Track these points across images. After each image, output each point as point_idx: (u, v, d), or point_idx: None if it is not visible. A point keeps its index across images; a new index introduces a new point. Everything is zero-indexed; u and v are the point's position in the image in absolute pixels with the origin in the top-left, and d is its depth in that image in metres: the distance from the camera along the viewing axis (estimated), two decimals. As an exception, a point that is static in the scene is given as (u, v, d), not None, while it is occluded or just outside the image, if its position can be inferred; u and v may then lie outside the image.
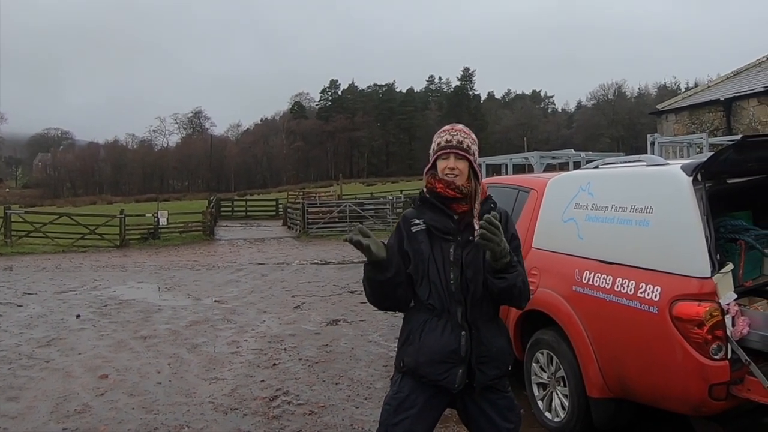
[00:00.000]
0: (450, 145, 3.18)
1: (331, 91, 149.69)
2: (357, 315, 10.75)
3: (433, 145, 3.26)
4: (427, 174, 3.27)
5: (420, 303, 3.18)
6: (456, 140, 3.20)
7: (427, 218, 3.18)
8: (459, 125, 3.31)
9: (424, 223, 3.18)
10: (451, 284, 3.11)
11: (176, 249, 26.26)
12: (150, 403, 6.56)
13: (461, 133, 3.23)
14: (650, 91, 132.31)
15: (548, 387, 5.45)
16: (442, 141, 3.21)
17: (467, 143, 3.22)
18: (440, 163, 3.20)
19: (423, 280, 3.15)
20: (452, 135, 3.22)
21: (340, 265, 18.65)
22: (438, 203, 3.18)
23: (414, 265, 3.16)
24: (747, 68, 22.02)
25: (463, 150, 3.19)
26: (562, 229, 5.34)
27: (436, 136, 3.27)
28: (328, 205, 35.02)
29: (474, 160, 3.23)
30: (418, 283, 3.17)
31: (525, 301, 3.19)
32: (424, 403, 3.15)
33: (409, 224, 3.21)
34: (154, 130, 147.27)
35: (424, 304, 3.15)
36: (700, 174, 4.28)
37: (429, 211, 3.20)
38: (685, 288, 4.11)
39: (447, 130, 3.26)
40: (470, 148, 3.22)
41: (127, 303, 12.57)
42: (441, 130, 3.31)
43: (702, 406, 4.09)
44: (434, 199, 3.20)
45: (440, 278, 3.12)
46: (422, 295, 3.16)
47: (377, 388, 6.76)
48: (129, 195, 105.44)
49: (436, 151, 3.22)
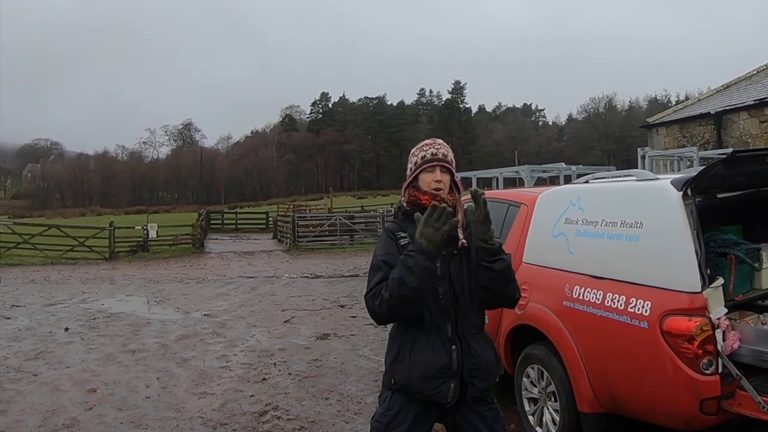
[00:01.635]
0: (436, 158, 3.19)
1: (322, 104, 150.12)
2: (347, 329, 10.73)
3: (413, 159, 3.27)
4: (407, 189, 3.27)
5: (409, 318, 3.15)
6: (441, 153, 3.21)
7: (412, 231, 3.11)
8: (439, 140, 3.32)
9: (409, 237, 3.14)
10: (440, 299, 3.09)
11: (166, 262, 26.14)
12: (139, 417, 6.53)
13: (444, 147, 3.26)
14: (641, 104, 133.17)
15: (539, 402, 5.43)
16: (427, 154, 3.21)
17: (450, 157, 3.26)
18: (425, 176, 3.19)
19: None
20: (437, 149, 3.23)
21: (331, 279, 18.61)
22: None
23: None
24: (737, 81, 22.13)
25: (447, 163, 3.21)
26: (553, 243, 5.34)
27: (417, 151, 3.28)
28: (318, 218, 34.98)
29: (454, 174, 3.26)
30: None
31: (518, 292, 3.22)
32: (414, 419, 3.13)
33: (396, 237, 3.19)
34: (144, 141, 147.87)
35: (414, 320, 3.12)
36: (690, 189, 4.29)
37: (413, 224, 3.12)
38: (676, 303, 4.10)
39: (429, 144, 3.27)
40: (453, 162, 3.26)
41: (115, 316, 12.53)
42: (421, 144, 3.31)
43: (693, 420, 4.08)
44: (418, 212, 3.15)
45: (429, 293, 3.09)
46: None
47: (367, 403, 6.74)
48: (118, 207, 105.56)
49: (419, 165, 3.21)
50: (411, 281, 2.89)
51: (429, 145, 3.26)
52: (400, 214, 3.28)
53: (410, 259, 2.91)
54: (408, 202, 3.24)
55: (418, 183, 3.22)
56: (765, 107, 17.83)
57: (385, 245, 3.19)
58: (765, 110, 17.82)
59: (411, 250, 2.93)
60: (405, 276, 2.90)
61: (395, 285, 2.93)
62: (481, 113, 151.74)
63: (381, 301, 2.99)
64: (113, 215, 64.19)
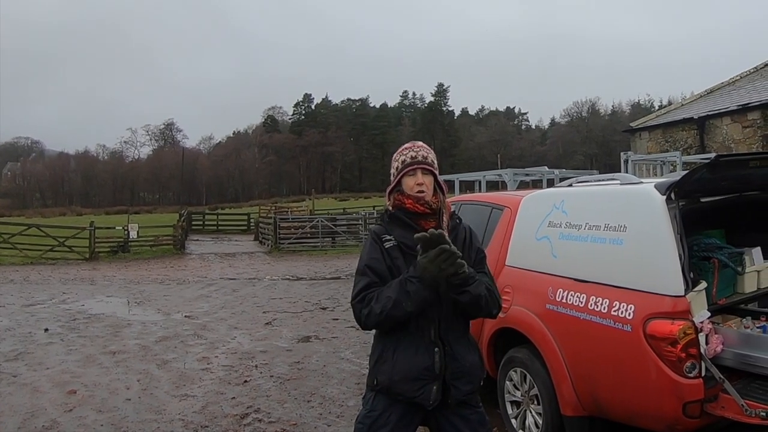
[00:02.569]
0: (416, 161, 3.20)
1: (305, 105, 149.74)
2: (329, 332, 10.70)
3: (395, 164, 3.27)
4: (391, 194, 3.27)
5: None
6: (421, 155, 3.22)
7: (397, 235, 3.16)
8: (419, 142, 3.33)
9: (395, 240, 3.16)
10: None
11: (146, 263, 25.99)
12: (119, 420, 6.48)
13: (424, 149, 3.27)
14: (624, 109, 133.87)
15: (522, 405, 5.43)
16: (407, 158, 3.22)
17: (431, 158, 3.26)
18: (407, 180, 3.20)
19: None
20: (416, 151, 3.24)
21: (312, 281, 18.58)
22: (407, 220, 3.18)
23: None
24: (720, 87, 22.29)
25: (428, 165, 3.21)
26: (536, 247, 5.33)
27: (398, 155, 3.28)
28: (300, 220, 34.87)
29: (437, 175, 3.26)
30: None
31: (496, 308, 3.20)
32: (397, 421, 3.13)
33: (381, 240, 3.18)
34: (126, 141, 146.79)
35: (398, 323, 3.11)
36: (674, 193, 4.29)
37: (398, 228, 3.18)
38: (659, 306, 4.10)
39: (409, 147, 3.29)
40: (434, 163, 3.26)
41: (96, 317, 12.45)
42: (402, 148, 3.32)
43: (676, 423, 4.08)
44: (403, 215, 3.19)
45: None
46: None
47: (349, 406, 6.72)
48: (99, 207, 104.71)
49: (401, 169, 3.23)
50: (407, 306, 2.95)
51: (408, 149, 3.27)
52: (386, 217, 3.27)
53: (411, 286, 2.93)
54: (393, 206, 3.24)
55: (402, 187, 3.23)
56: (748, 112, 17.98)
57: (370, 250, 3.18)
58: (748, 115, 17.97)
59: (413, 277, 2.94)
60: (402, 300, 2.94)
61: (390, 305, 2.96)
62: (464, 116, 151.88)
63: (370, 313, 3.01)
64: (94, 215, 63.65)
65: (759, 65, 22.04)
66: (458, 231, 3.28)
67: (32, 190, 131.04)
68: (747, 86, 20.57)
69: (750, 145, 17.80)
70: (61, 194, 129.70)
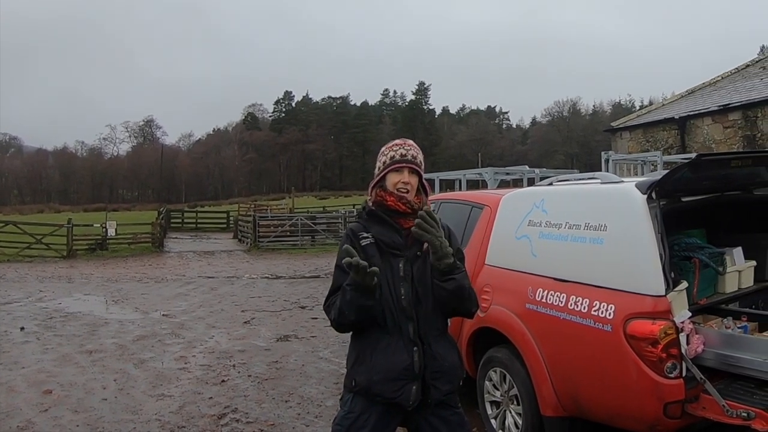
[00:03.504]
0: (405, 159, 3.17)
1: (285, 103, 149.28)
2: (308, 331, 10.66)
3: (382, 158, 3.24)
4: (374, 188, 3.24)
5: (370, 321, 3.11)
6: (411, 155, 3.20)
7: (375, 232, 3.14)
8: (410, 141, 3.31)
9: (372, 237, 3.13)
10: (402, 300, 3.07)
11: (124, 261, 25.81)
12: (95, 420, 6.42)
13: (414, 149, 3.24)
14: (605, 109, 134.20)
15: (501, 405, 5.40)
16: (396, 155, 3.19)
17: (420, 159, 3.24)
18: (392, 177, 3.17)
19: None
20: (406, 150, 3.21)
21: (291, 280, 18.53)
22: (386, 217, 3.15)
23: None
24: (701, 87, 22.40)
25: (416, 165, 3.19)
26: (516, 246, 5.30)
27: (387, 150, 3.25)
28: (279, 219, 34.77)
29: (423, 176, 3.24)
30: None
31: (475, 306, 3.20)
32: (376, 422, 3.09)
33: (357, 237, 3.14)
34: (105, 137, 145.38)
35: (376, 321, 3.08)
36: (655, 192, 4.27)
37: (376, 225, 3.16)
38: (640, 306, 4.08)
39: (400, 145, 3.25)
40: (422, 164, 3.24)
41: (73, 316, 12.38)
42: (391, 143, 3.29)
43: (657, 424, 4.07)
44: (382, 212, 3.16)
45: (391, 294, 3.07)
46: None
47: (328, 406, 6.67)
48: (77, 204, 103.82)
49: (388, 165, 3.19)
50: (349, 314, 2.98)
51: (399, 146, 3.24)
52: (365, 214, 3.24)
53: (348, 294, 2.94)
54: (374, 202, 3.21)
55: (385, 183, 3.19)
56: (729, 113, 18.08)
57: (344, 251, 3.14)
58: (729, 116, 18.07)
59: (348, 284, 2.94)
60: (344, 308, 2.98)
61: (337, 313, 3.03)
62: (445, 115, 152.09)
63: (332, 320, 3.09)
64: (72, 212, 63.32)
65: (740, 66, 22.19)
66: None
67: (10, 187, 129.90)
68: (728, 87, 20.69)
69: (731, 146, 17.90)
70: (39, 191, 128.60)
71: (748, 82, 20.07)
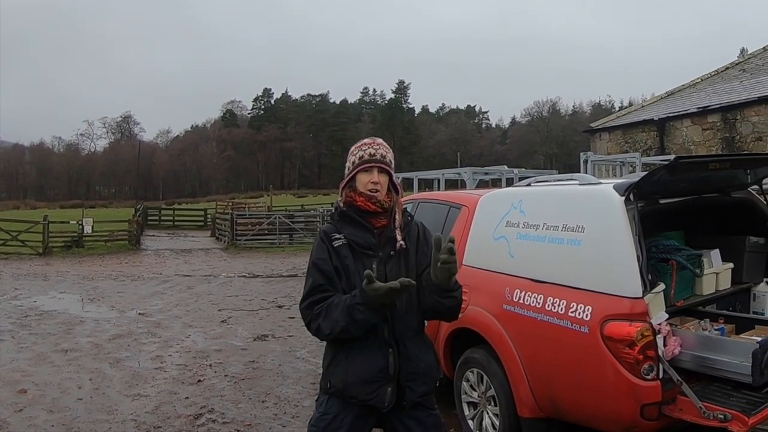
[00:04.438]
0: (374, 159, 3.14)
1: (264, 100, 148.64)
2: (285, 330, 10.61)
3: (352, 158, 3.21)
4: (344, 189, 3.21)
5: None
6: (380, 154, 3.16)
7: (347, 233, 3.10)
8: (379, 139, 3.26)
9: (344, 238, 3.10)
10: None
11: (101, 258, 25.62)
12: (70, 420, 6.38)
13: (383, 147, 3.21)
14: (584, 109, 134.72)
15: (479, 406, 5.39)
16: (365, 155, 3.16)
17: (389, 157, 3.21)
18: (362, 177, 3.14)
19: None
20: (375, 149, 3.18)
21: (269, 279, 18.45)
22: (358, 218, 3.12)
23: (346, 281, 3.06)
24: (681, 89, 22.57)
25: (386, 164, 3.16)
26: (493, 246, 5.29)
27: (356, 150, 3.22)
28: (257, 217, 34.63)
29: (393, 174, 3.20)
30: None
31: (459, 312, 3.17)
32: (351, 423, 3.07)
33: (330, 239, 3.11)
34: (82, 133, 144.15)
35: None
36: (633, 194, 4.28)
37: (348, 225, 3.13)
38: (617, 308, 4.08)
39: (369, 144, 3.21)
40: (391, 163, 3.22)
41: (48, 314, 12.27)
42: (360, 143, 3.26)
43: (634, 426, 4.07)
44: (353, 213, 3.13)
45: None
46: None
47: (305, 407, 6.65)
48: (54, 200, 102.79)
49: (357, 165, 3.16)
50: (355, 331, 2.94)
51: (368, 145, 3.20)
52: (336, 215, 3.20)
53: (359, 314, 2.88)
54: (345, 203, 3.17)
55: (355, 183, 3.16)
56: (708, 115, 18.23)
57: (318, 249, 3.13)
58: (708, 118, 18.22)
59: (360, 304, 2.87)
60: (350, 327, 2.92)
61: (338, 329, 2.94)
62: (424, 114, 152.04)
63: (319, 330, 3.01)
64: (48, 209, 62.59)
65: (720, 68, 22.37)
66: (411, 227, 3.23)
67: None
68: (707, 89, 20.86)
69: (709, 148, 18.04)
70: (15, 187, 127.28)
71: (727, 84, 20.24)
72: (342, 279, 3.07)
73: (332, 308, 2.96)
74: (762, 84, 18.31)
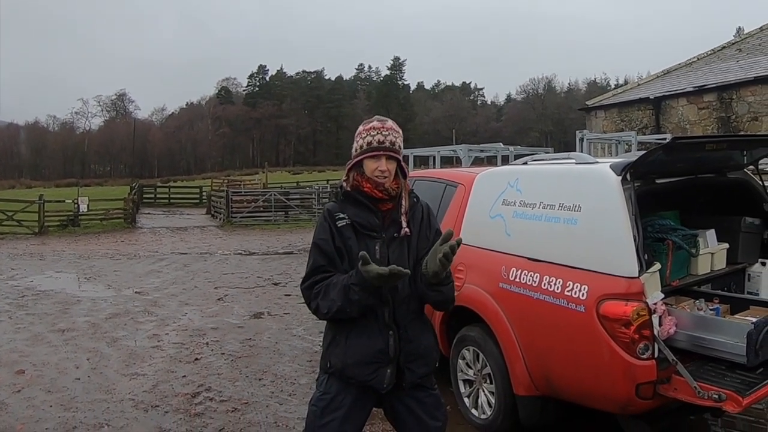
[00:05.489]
0: (383, 147, 3.08)
1: (259, 77, 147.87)
2: (281, 308, 10.62)
3: (360, 141, 3.14)
4: (351, 170, 3.16)
5: None
6: (389, 141, 3.09)
7: (351, 213, 3.09)
8: (389, 122, 3.18)
9: (348, 219, 3.08)
10: None
11: (96, 237, 25.59)
12: (68, 400, 6.37)
13: (393, 133, 3.12)
14: (580, 87, 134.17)
15: (474, 384, 5.43)
16: (374, 141, 3.09)
17: (399, 143, 3.15)
18: (370, 163, 3.08)
19: None
20: (385, 135, 3.10)
21: (265, 256, 18.45)
22: (363, 199, 3.10)
23: (348, 262, 3.06)
24: (677, 68, 22.51)
25: (395, 151, 3.10)
26: (490, 225, 5.30)
27: (365, 133, 3.13)
28: (253, 194, 34.52)
29: (401, 160, 3.16)
30: None
31: (452, 304, 3.20)
32: (351, 403, 3.10)
33: (334, 219, 3.10)
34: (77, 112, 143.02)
35: None
36: (629, 173, 4.28)
37: (352, 206, 3.11)
38: (613, 287, 4.10)
39: (378, 129, 3.12)
40: (401, 148, 3.16)
41: (45, 294, 12.24)
42: (370, 126, 3.15)
43: (629, 404, 4.10)
44: (359, 195, 3.10)
45: None
46: None
47: (301, 384, 6.66)
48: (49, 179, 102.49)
49: (365, 150, 3.10)
50: (351, 312, 2.95)
51: (378, 130, 3.11)
52: (341, 195, 3.17)
53: (354, 294, 2.89)
54: (351, 186, 3.14)
55: (362, 168, 3.11)
56: (704, 94, 18.21)
57: (320, 229, 3.12)
58: (704, 97, 18.20)
59: (356, 285, 2.88)
60: (346, 307, 2.93)
61: (334, 308, 2.96)
62: (419, 90, 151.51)
63: (317, 310, 3.04)
64: (44, 188, 62.33)
65: (716, 47, 22.30)
66: (415, 210, 3.21)
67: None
68: (704, 68, 20.82)
69: (705, 127, 18.04)
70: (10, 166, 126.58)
71: (723, 64, 20.19)
72: (345, 260, 3.07)
73: (330, 288, 2.97)
74: (759, 64, 18.28)
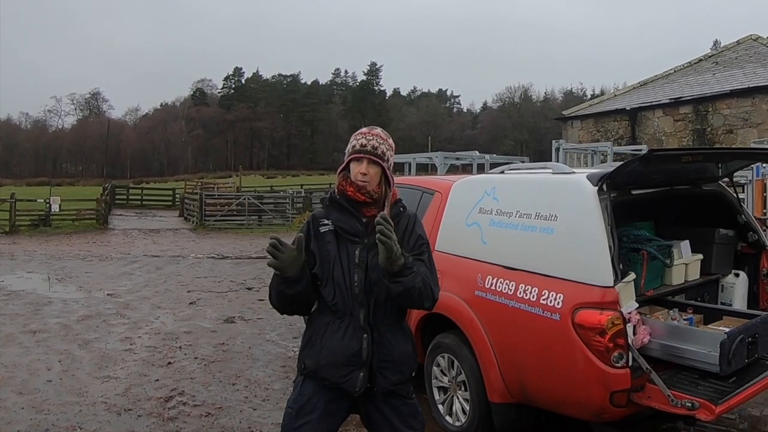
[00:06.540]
0: (365, 150, 3.11)
1: (235, 79, 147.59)
2: (254, 312, 10.57)
3: (348, 146, 3.19)
4: (340, 174, 3.19)
5: (324, 304, 3.14)
6: (371, 145, 3.13)
7: (335, 219, 3.13)
8: (377, 129, 3.22)
9: (332, 224, 3.12)
10: (355, 286, 3.07)
11: (68, 237, 25.31)
12: (40, 402, 6.30)
13: (378, 138, 3.16)
14: (556, 96, 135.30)
15: (449, 391, 5.43)
16: (357, 144, 3.14)
17: (382, 149, 3.15)
18: (353, 166, 3.12)
19: (328, 281, 3.10)
20: (368, 139, 3.14)
21: (237, 260, 18.36)
22: (347, 205, 3.13)
23: (320, 265, 3.10)
24: (654, 79, 22.74)
25: (377, 156, 3.12)
26: (466, 233, 5.32)
27: (353, 138, 3.20)
28: (226, 197, 34.44)
29: (387, 167, 3.17)
30: (322, 284, 3.12)
31: (429, 301, 3.11)
32: (325, 406, 3.11)
33: (318, 224, 3.15)
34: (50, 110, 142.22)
35: (328, 306, 3.11)
36: (606, 184, 4.33)
37: (337, 212, 3.15)
38: (588, 296, 4.14)
39: (364, 134, 3.18)
40: (385, 155, 3.16)
41: (15, 294, 12.09)
42: (359, 132, 3.23)
43: (603, 412, 4.15)
44: (343, 201, 3.13)
45: (344, 280, 3.07)
46: (326, 296, 3.11)
47: (275, 389, 6.63)
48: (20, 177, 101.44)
49: (350, 153, 3.15)
50: (282, 303, 3.12)
51: (363, 135, 3.18)
52: (327, 201, 3.21)
53: (274, 283, 3.06)
54: (338, 190, 3.17)
55: (349, 172, 3.16)
56: (680, 106, 18.43)
57: (301, 232, 3.15)
58: (680, 109, 18.42)
59: (275, 273, 3.01)
60: (271, 291, 3.13)
61: (274, 299, 3.15)
62: (395, 96, 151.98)
63: (271, 303, 3.20)
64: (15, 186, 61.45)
65: (693, 60, 22.56)
66: (401, 218, 3.20)
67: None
68: (680, 80, 21.06)
69: (681, 139, 18.25)
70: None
71: (700, 76, 20.45)
72: (316, 264, 3.10)
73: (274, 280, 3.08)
74: (734, 77, 18.53)
